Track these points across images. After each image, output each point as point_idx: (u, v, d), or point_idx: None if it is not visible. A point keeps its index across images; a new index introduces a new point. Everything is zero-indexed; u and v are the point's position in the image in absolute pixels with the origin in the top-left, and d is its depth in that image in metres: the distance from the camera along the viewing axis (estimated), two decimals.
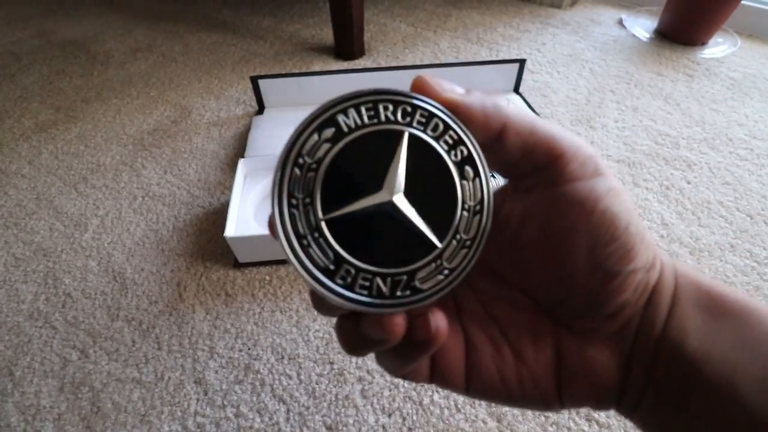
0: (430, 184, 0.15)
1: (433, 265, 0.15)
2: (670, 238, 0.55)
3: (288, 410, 0.41)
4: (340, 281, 0.14)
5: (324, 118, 0.14)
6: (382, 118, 0.15)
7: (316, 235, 0.14)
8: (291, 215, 0.14)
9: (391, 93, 0.15)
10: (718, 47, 0.95)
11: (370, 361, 0.44)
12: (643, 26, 1.04)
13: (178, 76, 0.88)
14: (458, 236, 0.15)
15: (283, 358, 0.44)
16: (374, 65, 0.91)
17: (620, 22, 1.07)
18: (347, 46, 0.90)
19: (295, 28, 1.05)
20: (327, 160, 0.14)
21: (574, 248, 0.15)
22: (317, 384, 0.42)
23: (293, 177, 0.14)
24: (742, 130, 0.74)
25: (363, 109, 0.15)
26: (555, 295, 0.17)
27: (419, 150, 0.15)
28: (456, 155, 0.15)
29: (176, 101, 0.81)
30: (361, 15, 0.87)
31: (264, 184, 0.58)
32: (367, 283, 0.14)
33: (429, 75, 0.16)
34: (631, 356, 0.16)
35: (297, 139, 0.14)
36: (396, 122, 0.15)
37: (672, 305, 0.16)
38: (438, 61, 0.92)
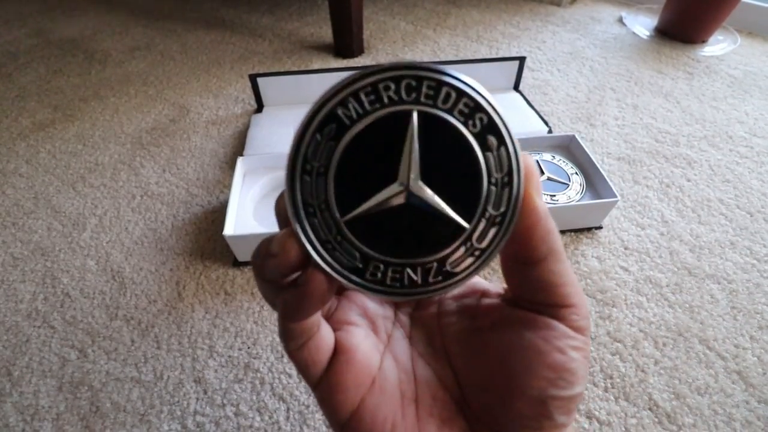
0: (450, 162, 0.14)
1: (464, 248, 0.14)
2: (670, 235, 0.55)
3: (288, 409, 0.40)
4: (370, 277, 0.14)
5: (322, 114, 0.13)
6: (385, 99, 0.13)
7: (339, 238, 0.14)
8: (311, 223, 0.14)
9: (389, 68, 0.13)
10: (719, 45, 0.95)
11: None
12: (643, 24, 1.04)
13: (177, 75, 0.88)
14: (487, 213, 0.14)
15: (282, 356, 0.44)
16: (374, 63, 0.91)
17: (620, 20, 1.07)
18: (346, 44, 0.90)
19: (294, 26, 1.04)
20: (334, 161, 0.14)
21: (531, 385, 0.15)
22: None
23: (304, 184, 0.14)
24: (743, 127, 0.73)
25: (362, 95, 0.13)
26: (485, 402, 0.17)
27: (432, 127, 0.14)
28: (474, 125, 0.14)
29: (175, 100, 0.81)
30: (361, 13, 0.87)
31: (263, 182, 0.58)
32: (397, 275, 0.14)
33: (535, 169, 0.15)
34: None
35: (299, 144, 0.14)
36: (401, 101, 0.13)
37: None
38: (438, 59, 0.92)
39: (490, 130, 0.14)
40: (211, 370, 0.43)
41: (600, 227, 0.56)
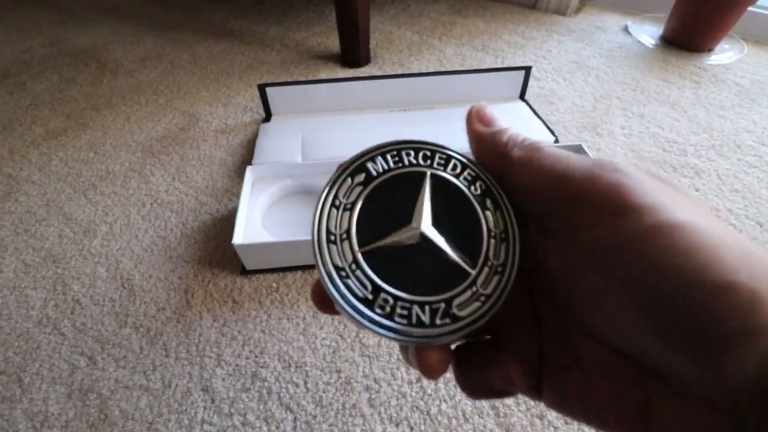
0: (456, 215, 0.16)
1: (469, 291, 0.15)
2: None
3: (295, 419, 0.40)
4: (378, 310, 0.15)
5: (355, 166, 0.17)
6: (406, 162, 0.17)
7: (354, 267, 0.15)
8: (329, 249, 0.15)
9: (411, 142, 0.17)
10: (725, 54, 0.95)
11: (377, 369, 0.44)
12: (648, 33, 1.04)
13: (187, 84, 0.89)
14: (489, 262, 0.16)
15: (290, 366, 0.44)
16: (380, 73, 0.92)
17: (626, 29, 1.07)
18: (353, 53, 0.91)
19: (301, 37, 1.06)
20: (361, 200, 0.16)
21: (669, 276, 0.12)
22: (324, 392, 0.42)
23: (330, 216, 0.16)
24: (751, 136, 0.73)
25: (389, 156, 0.17)
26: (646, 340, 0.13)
27: (442, 186, 0.17)
28: (476, 189, 0.17)
29: (184, 109, 0.82)
30: (367, 23, 0.88)
31: (272, 191, 0.58)
32: (405, 312, 0.15)
33: (486, 107, 0.18)
34: None
35: (333, 185, 0.16)
36: (418, 165, 0.17)
37: None
38: (443, 69, 0.93)
39: (487, 194, 0.17)
40: (218, 379, 0.43)
41: None
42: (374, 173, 0.16)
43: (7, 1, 1.29)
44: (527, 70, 0.75)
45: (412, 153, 0.17)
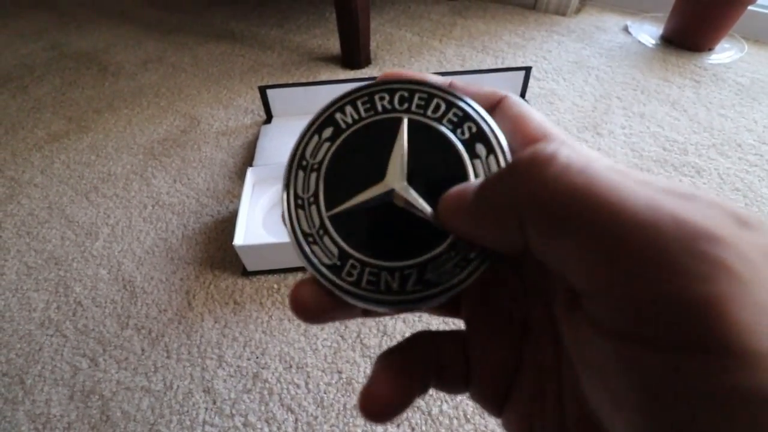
0: (437, 168, 0.14)
1: (445, 256, 0.13)
2: None
3: (296, 420, 0.40)
4: (347, 277, 0.14)
5: (323, 118, 0.15)
6: (379, 108, 0.15)
7: (321, 232, 0.14)
8: (298, 215, 0.14)
9: (386, 83, 0.15)
10: (725, 53, 0.95)
11: None
12: (648, 32, 1.04)
13: (188, 87, 0.90)
14: None
15: (291, 366, 0.44)
16: (380, 74, 0.92)
17: (626, 29, 1.07)
18: (354, 55, 0.91)
19: (302, 39, 1.06)
20: (327, 158, 0.15)
21: None
22: (325, 393, 0.42)
23: (298, 179, 0.15)
24: (751, 135, 0.73)
25: (359, 104, 0.15)
26: None
27: (421, 134, 0.14)
28: (463, 133, 0.14)
29: (186, 111, 0.82)
30: (368, 25, 0.88)
31: (272, 192, 0.59)
32: (373, 278, 0.13)
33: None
34: None
35: (299, 143, 0.15)
36: (393, 110, 0.15)
37: None
38: (444, 70, 0.93)
39: (478, 138, 0.14)
40: (220, 380, 0.43)
41: None
42: (343, 125, 0.15)
43: (9, 5, 1.30)
44: (527, 70, 0.75)
45: (387, 96, 0.15)
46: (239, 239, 0.50)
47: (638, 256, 0.08)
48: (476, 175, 0.14)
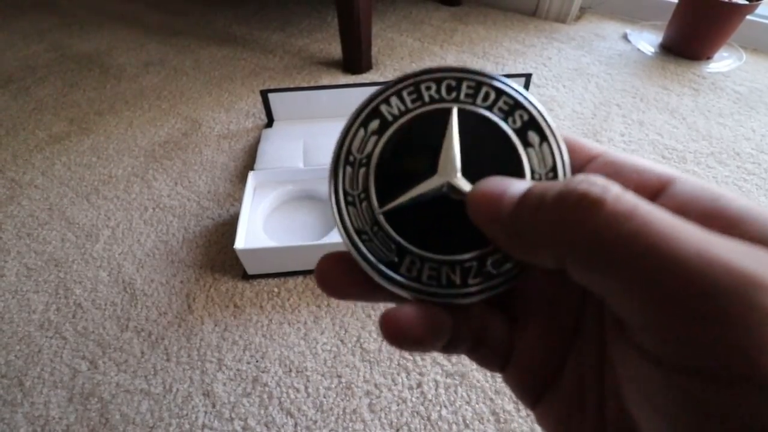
0: (490, 157, 0.14)
1: None
2: None
3: (296, 424, 0.40)
4: (406, 273, 0.13)
5: (368, 111, 0.14)
6: (426, 98, 0.14)
7: (376, 228, 0.14)
8: (348, 212, 0.14)
9: (431, 71, 0.14)
10: (724, 61, 0.96)
11: (377, 374, 0.44)
12: (648, 41, 1.05)
13: (189, 90, 0.90)
14: None
15: (290, 370, 0.44)
16: (382, 79, 0.92)
17: (625, 37, 1.08)
18: (355, 60, 0.92)
19: (304, 43, 1.06)
20: (376, 152, 0.14)
21: None
22: (325, 397, 0.42)
23: (346, 175, 0.14)
24: (750, 144, 0.74)
25: (405, 94, 0.14)
26: None
27: (472, 124, 0.14)
28: (515, 121, 0.14)
29: (187, 114, 0.83)
30: (369, 30, 0.89)
31: (273, 196, 0.59)
32: (434, 273, 0.13)
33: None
34: None
35: (344, 138, 0.14)
36: (441, 100, 0.14)
37: None
38: None
39: (531, 126, 0.14)
40: (219, 384, 0.43)
41: None
42: (389, 118, 0.14)
43: (11, 6, 1.30)
44: (528, 77, 0.76)
45: (433, 86, 0.14)
46: (240, 243, 0.50)
47: (689, 306, 0.09)
48: (531, 165, 0.14)
